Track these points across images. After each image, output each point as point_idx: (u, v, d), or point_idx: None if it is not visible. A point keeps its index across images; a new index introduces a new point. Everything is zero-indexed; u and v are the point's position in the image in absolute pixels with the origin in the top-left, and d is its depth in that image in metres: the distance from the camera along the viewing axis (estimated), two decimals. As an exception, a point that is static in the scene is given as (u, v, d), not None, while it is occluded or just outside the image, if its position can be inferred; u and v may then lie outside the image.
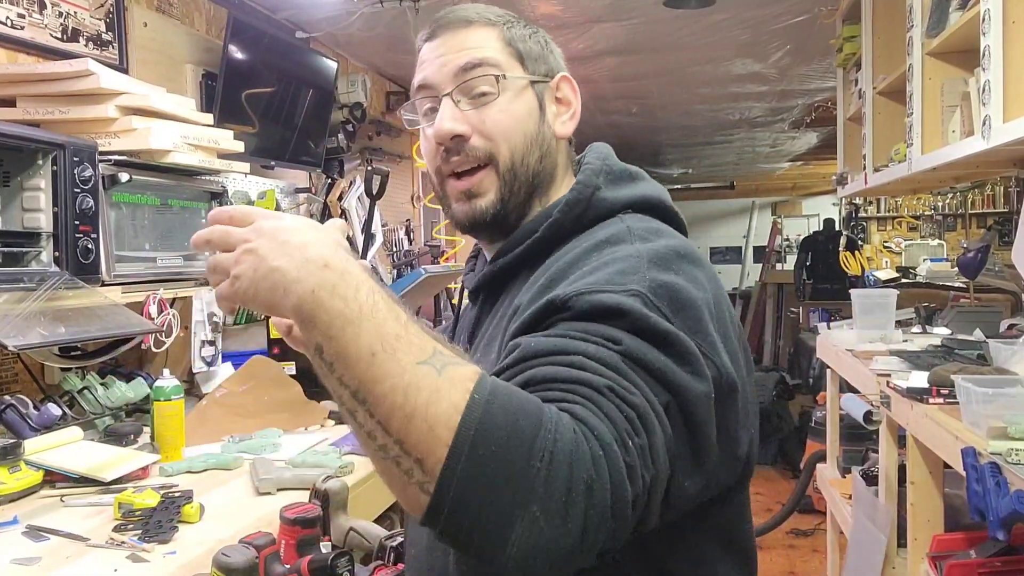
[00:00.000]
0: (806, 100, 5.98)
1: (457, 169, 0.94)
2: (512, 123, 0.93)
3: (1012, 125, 1.69)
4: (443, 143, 0.93)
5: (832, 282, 7.07)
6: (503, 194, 0.93)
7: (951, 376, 1.68)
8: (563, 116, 0.99)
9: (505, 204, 0.93)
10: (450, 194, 0.96)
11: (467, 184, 0.94)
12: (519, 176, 0.93)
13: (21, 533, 1.43)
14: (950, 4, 2.16)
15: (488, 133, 0.92)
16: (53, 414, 1.88)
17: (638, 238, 0.84)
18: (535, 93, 0.96)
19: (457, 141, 0.92)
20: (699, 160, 9.75)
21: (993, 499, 1.27)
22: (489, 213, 0.94)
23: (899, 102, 2.75)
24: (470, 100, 0.93)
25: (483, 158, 0.93)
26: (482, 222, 0.95)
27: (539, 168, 0.95)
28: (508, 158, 0.93)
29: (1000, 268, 3.66)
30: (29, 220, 1.81)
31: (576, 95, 1.01)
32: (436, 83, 0.95)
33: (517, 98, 0.94)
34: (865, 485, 2.30)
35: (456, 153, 0.93)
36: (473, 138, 0.92)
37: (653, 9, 3.54)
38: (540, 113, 0.96)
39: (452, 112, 0.92)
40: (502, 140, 0.93)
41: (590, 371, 0.67)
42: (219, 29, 2.99)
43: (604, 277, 0.77)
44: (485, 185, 0.93)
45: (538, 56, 0.98)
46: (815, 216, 11.37)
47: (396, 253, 4.58)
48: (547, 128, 0.96)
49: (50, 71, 1.98)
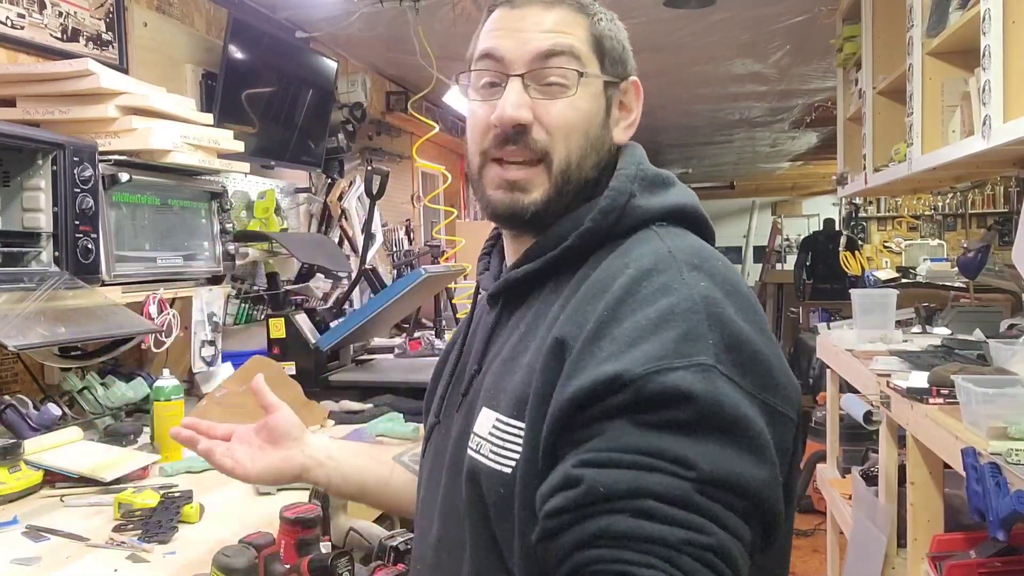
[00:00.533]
0: (806, 100, 5.98)
1: (508, 159, 0.86)
2: (578, 122, 0.86)
3: (1012, 125, 1.69)
4: (504, 129, 0.85)
5: (832, 282, 7.07)
6: (550, 195, 0.86)
7: (951, 376, 1.68)
8: (623, 123, 0.93)
9: (549, 205, 0.86)
10: (490, 179, 0.88)
11: (515, 176, 0.86)
12: (572, 179, 0.86)
13: (21, 533, 1.43)
14: (950, 4, 2.16)
15: (551, 127, 0.85)
16: (53, 414, 1.88)
17: (685, 265, 0.77)
18: (606, 95, 0.90)
19: (518, 129, 0.85)
20: (699, 160, 9.75)
21: (993, 499, 1.27)
22: (530, 211, 0.86)
23: (899, 102, 2.75)
24: (541, 88, 0.85)
25: (539, 152, 0.85)
26: (521, 218, 0.87)
27: (593, 175, 0.87)
28: (565, 158, 0.85)
29: (1000, 268, 3.66)
30: (29, 220, 1.81)
31: (639, 102, 0.95)
32: (509, 59, 0.86)
33: (589, 97, 0.87)
34: (865, 485, 2.30)
35: (512, 142, 0.85)
36: (534, 129, 0.85)
37: (653, 9, 3.54)
38: (606, 116, 0.89)
39: (520, 97, 0.84)
40: (562, 138, 0.85)
41: (663, 521, 0.64)
42: (219, 29, 2.99)
43: (668, 346, 0.69)
44: (535, 183, 0.86)
45: (618, 57, 0.92)
46: (815, 216, 11.38)
47: (396, 253, 4.58)
48: (608, 133, 0.90)
49: (50, 71, 1.98)
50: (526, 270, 0.88)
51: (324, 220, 3.77)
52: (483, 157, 0.88)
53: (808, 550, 4.25)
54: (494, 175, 0.87)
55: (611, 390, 0.69)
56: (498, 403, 0.81)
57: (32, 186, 1.81)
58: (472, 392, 0.88)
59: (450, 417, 0.91)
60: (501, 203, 0.87)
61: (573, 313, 0.77)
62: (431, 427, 0.97)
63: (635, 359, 0.69)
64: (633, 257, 0.79)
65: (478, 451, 0.80)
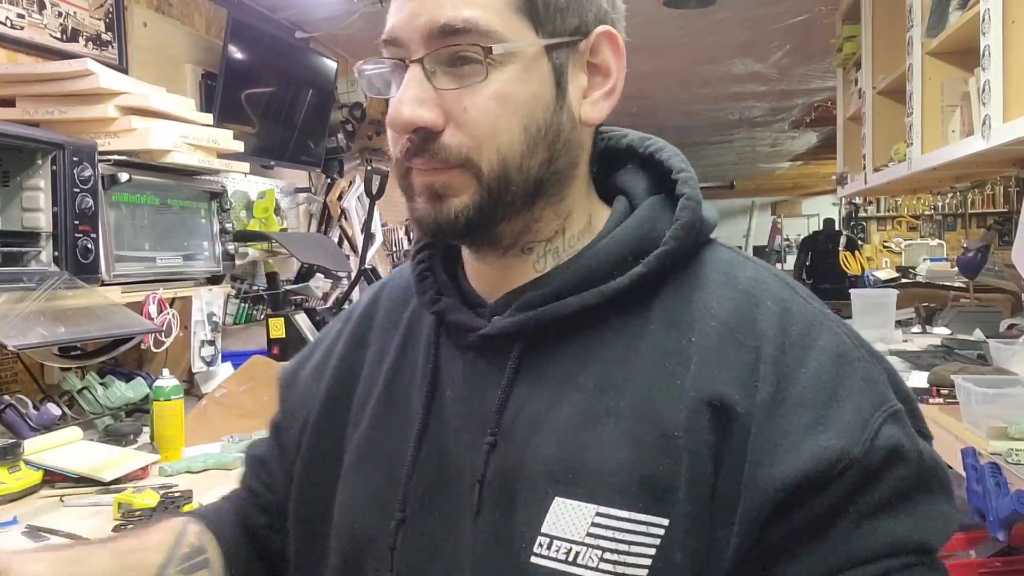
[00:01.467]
0: (806, 100, 5.98)
1: (421, 167, 0.64)
2: (508, 114, 0.62)
3: (1012, 125, 1.69)
4: (402, 134, 0.63)
5: (832, 282, 7.07)
6: (483, 199, 0.64)
7: (951, 376, 1.69)
8: (596, 92, 0.67)
9: (485, 213, 0.64)
10: (413, 187, 0.66)
11: (432, 178, 0.64)
12: (512, 186, 0.64)
13: (21, 533, 1.43)
14: (950, 4, 2.16)
15: (469, 126, 0.62)
16: (52, 414, 1.88)
17: (794, 287, 0.66)
18: (551, 64, 0.64)
19: (421, 135, 0.63)
20: (699, 160, 9.74)
21: (993, 499, 1.27)
22: (462, 220, 0.64)
23: (899, 102, 2.75)
24: (450, 71, 0.62)
25: (456, 161, 0.63)
26: (452, 229, 0.65)
27: (544, 174, 0.65)
28: (495, 166, 0.63)
29: (1000, 268, 3.66)
30: (29, 220, 1.81)
31: (620, 60, 0.67)
32: (403, 39, 0.64)
33: (521, 75, 0.63)
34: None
35: (419, 152, 0.63)
36: (446, 133, 0.62)
37: (653, 9, 3.54)
38: (556, 94, 0.64)
39: (419, 91, 0.62)
40: (487, 140, 0.62)
41: None
42: (219, 29, 2.99)
43: (865, 400, 0.59)
44: (458, 187, 0.64)
45: (565, 6, 0.64)
46: (815, 216, 11.39)
47: (396, 253, 4.58)
48: (566, 115, 0.65)
49: (50, 71, 1.97)
50: (580, 304, 0.64)
51: (324, 220, 3.77)
52: (400, 168, 0.66)
53: (808, 550, 4.24)
54: (414, 182, 0.66)
55: (838, 471, 0.56)
56: (588, 491, 0.59)
57: (32, 186, 1.81)
58: (498, 475, 0.64)
59: (442, 511, 0.66)
60: (426, 214, 0.65)
61: (717, 367, 0.60)
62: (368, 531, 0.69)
63: (848, 426, 0.57)
64: (748, 286, 0.65)
65: (568, 559, 0.59)
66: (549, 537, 0.59)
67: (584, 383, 0.63)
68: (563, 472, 0.60)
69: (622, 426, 0.60)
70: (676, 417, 0.59)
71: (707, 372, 0.60)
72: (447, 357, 0.70)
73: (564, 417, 0.62)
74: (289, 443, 0.79)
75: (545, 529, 0.60)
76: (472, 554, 0.63)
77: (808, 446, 0.57)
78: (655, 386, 0.61)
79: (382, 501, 0.69)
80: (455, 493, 0.66)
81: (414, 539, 0.67)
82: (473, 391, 0.67)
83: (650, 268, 0.64)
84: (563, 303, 0.65)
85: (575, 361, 0.64)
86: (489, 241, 0.67)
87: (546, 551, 0.59)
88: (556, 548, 0.59)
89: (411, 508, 0.67)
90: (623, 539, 0.58)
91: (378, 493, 0.69)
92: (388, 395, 0.73)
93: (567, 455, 0.61)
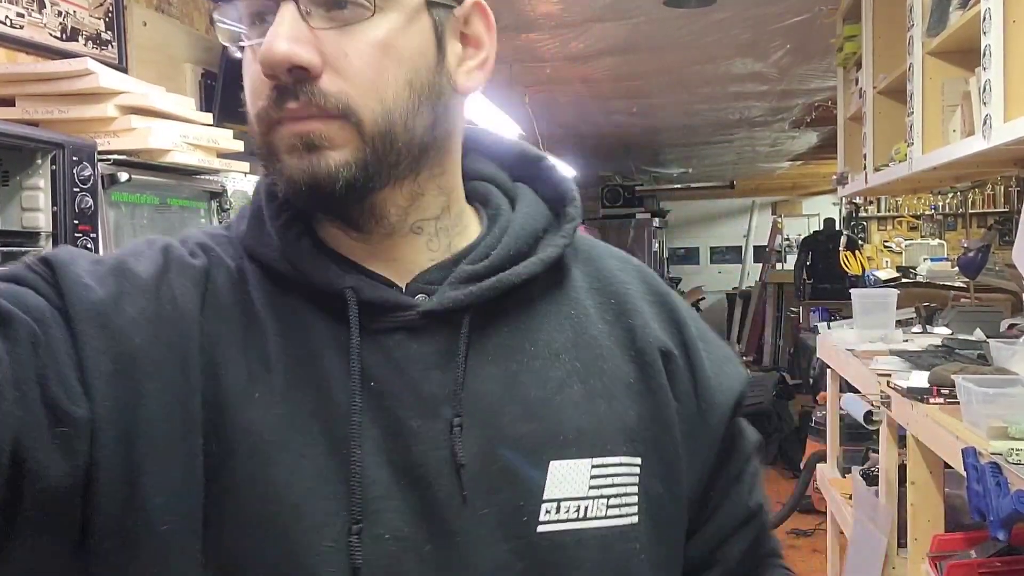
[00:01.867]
0: (806, 100, 5.98)
1: (294, 115, 0.58)
2: (391, 65, 0.58)
3: (1013, 125, 1.69)
4: (274, 74, 0.57)
5: (832, 282, 7.06)
6: (365, 158, 0.58)
7: (951, 376, 1.68)
8: (471, 62, 0.65)
9: (368, 174, 0.59)
10: (278, 143, 0.59)
11: (307, 129, 0.57)
12: (398, 143, 0.59)
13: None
14: (950, 3, 2.16)
15: (350, 73, 0.57)
16: (52, 414, 1.88)
17: None
18: (433, 21, 0.61)
19: (297, 75, 0.56)
20: (699, 160, 9.75)
21: (993, 499, 1.27)
22: (340, 177, 0.58)
23: (899, 102, 2.75)
24: (327, 12, 0.57)
25: (335, 110, 0.57)
26: (328, 190, 0.58)
27: (428, 138, 0.61)
28: (379, 118, 0.58)
29: (1000, 268, 3.66)
30: (28, 220, 1.81)
31: (491, 33, 0.66)
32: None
33: (405, 25, 0.59)
34: (865, 485, 2.30)
35: (292, 96, 0.57)
36: (324, 78, 0.57)
37: (653, 9, 3.54)
38: (437, 54, 0.61)
39: (294, 28, 0.56)
40: (370, 89, 0.58)
41: (772, 537, 0.78)
42: (219, 28, 2.99)
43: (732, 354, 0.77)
44: (336, 138, 0.58)
45: None
46: (815, 216, 11.37)
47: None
48: (445, 79, 0.62)
49: (49, 70, 1.97)
50: (528, 273, 0.64)
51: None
52: (263, 123, 0.59)
53: (808, 550, 4.25)
54: (281, 135, 0.59)
55: (743, 398, 0.73)
56: (580, 448, 0.62)
57: (31, 185, 1.81)
58: (478, 456, 0.60)
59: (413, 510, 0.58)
60: (296, 169, 0.58)
61: (651, 320, 0.70)
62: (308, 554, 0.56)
63: (737, 370, 0.74)
64: (630, 259, 0.77)
65: (579, 516, 0.60)
66: (555, 501, 0.60)
67: (535, 351, 0.64)
68: (550, 437, 0.61)
69: (589, 385, 0.64)
70: (628, 368, 0.67)
71: (646, 325, 0.69)
72: (386, 341, 0.61)
73: (529, 386, 0.63)
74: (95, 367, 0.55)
75: (548, 495, 0.60)
76: (467, 546, 0.58)
77: (732, 380, 0.72)
78: (599, 344, 0.67)
79: (320, 515, 0.57)
80: (423, 485, 0.59)
81: (384, 549, 0.57)
82: (411, 373, 0.60)
83: (568, 239, 0.68)
84: (512, 272, 0.64)
85: (516, 332, 0.65)
86: (373, 214, 0.62)
87: (555, 515, 0.60)
88: (565, 509, 0.60)
89: (367, 518, 0.57)
90: (617, 483, 0.62)
91: (312, 508, 0.57)
92: (287, 391, 0.59)
93: (548, 421, 0.62)
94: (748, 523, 0.74)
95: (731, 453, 0.73)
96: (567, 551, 0.60)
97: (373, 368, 0.60)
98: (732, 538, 0.73)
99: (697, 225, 12.19)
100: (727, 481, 0.73)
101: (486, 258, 0.65)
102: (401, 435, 0.59)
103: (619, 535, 0.62)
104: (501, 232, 0.67)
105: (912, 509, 1.87)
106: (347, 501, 0.57)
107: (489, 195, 0.71)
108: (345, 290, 0.61)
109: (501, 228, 0.67)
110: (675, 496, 0.67)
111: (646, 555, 0.63)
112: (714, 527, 0.72)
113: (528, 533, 0.59)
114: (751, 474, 0.75)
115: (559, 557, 0.59)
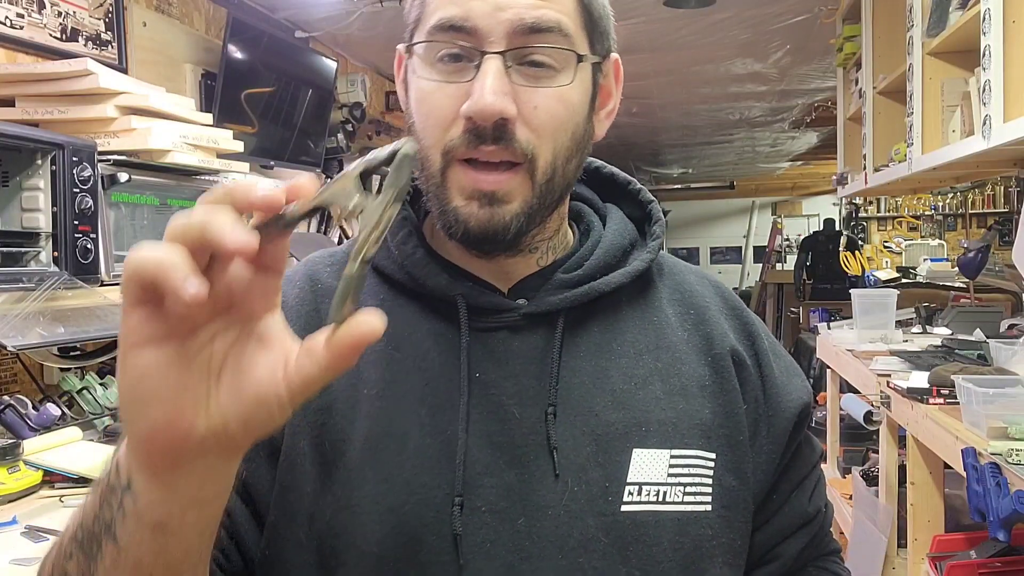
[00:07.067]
0: (806, 100, 5.98)
1: (482, 159, 0.65)
2: (566, 117, 0.67)
3: (1012, 125, 1.69)
4: (482, 123, 0.63)
5: (832, 282, 7.06)
6: (532, 206, 0.67)
7: (951, 376, 1.68)
8: (603, 112, 0.74)
9: (532, 219, 0.67)
10: (458, 186, 0.66)
11: (494, 184, 0.65)
12: (555, 187, 0.68)
13: (20, 533, 1.43)
14: (950, 4, 2.16)
15: (535, 124, 0.65)
16: (52, 414, 1.88)
17: None
18: (592, 78, 0.70)
19: (499, 124, 0.63)
20: (699, 160, 9.74)
21: (993, 499, 1.27)
22: (512, 228, 0.66)
23: (899, 102, 2.75)
24: (523, 70, 0.65)
25: (521, 157, 0.65)
26: (500, 238, 0.66)
27: (572, 180, 0.71)
28: (550, 163, 0.66)
29: (1000, 268, 3.66)
30: (28, 220, 1.81)
31: (619, 86, 0.75)
32: (483, 30, 0.64)
33: (577, 83, 0.67)
34: (865, 485, 2.30)
35: (491, 140, 0.64)
36: (519, 127, 0.64)
37: (653, 9, 3.53)
38: (590, 107, 0.70)
39: (500, 82, 0.63)
40: (549, 137, 0.66)
41: (832, 539, 0.85)
42: (218, 29, 2.99)
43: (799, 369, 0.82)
44: (516, 192, 0.66)
45: (605, 30, 0.71)
46: (815, 216, 11.36)
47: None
48: (591, 128, 0.71)
49: (49, 71, 1.97)
50: (618, 282, 0.73)
51: (323, 220, 3.77)
52: (446, 158, 0.66)
53: (808, 550, 4.24)
54: (463, 179, 0.66)
55: (803, 419, 0.78)
56: (660, 439, 0.69)
57: (31, 186, 1.81)
58: (569, 440, 0.68)
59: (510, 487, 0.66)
60: (476, 220, 0.65)
61: (727, 330, 0.78)
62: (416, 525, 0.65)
63: (803, 383, 0.79)
64: (706, 275, 0.84)
65: (658, 500, 0.67)
66: (637, 484, 0.67)
67: (621, 350, 0.72)
68: (634, 428, 0.69)
69: (669, 383, 0.71)
70: (703, 371, 0.73)
71: (724, 335, 0.76)
72: (486, 335, 0.70)
73: (616, 380, 0.70)
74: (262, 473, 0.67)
75: (631, 479, 0.67)
76: (557, 520, 0.65)
77: (800, 389, 0.78)
78: (679, 347, 0.74)
79: (426, 490, 0.65)
80: (520, 465, 0.67)
81: (482, 520, 0.65)
82: (512, 367, 0.69)
83: (654, 255, 0.76)
84: (603, 281, 0.72)
85: (605, 333, 0.73)
86: (512, 247, 0.70)
87: (636, 497, 0.67)
88: (646, 492, 0.67)
89: (468, 492, 0.65)
90: (693, 473, 0.69)
91: (420, 483, 0.65)
92: (392, 385, 0.68)
93: (632, 413, 0.69)
94: (806, 525, 0.79)
95: (795, 459, 0.78)
96: (647, 530, 0.66)
97: (479, 362, 0.69)
98: (790, 538, 0.78)
99: (697, 225, 12.19)
100: (790, 485, 0.78)
101: (579, 267, 0.73)
102: (502, 420, 0.67)
103: (693, 520, 0.68)
104: (593, 246, 0.76)
105: (912, 509, 1.87)
106: (451, 477, 0.65)
107: (582, 213, 0.80)
108: (456, 296, 0.70)
109: (593, 242, 0.76)
110: (745, 491, 0.73)
111: (717, 541, 0.69)
112: (774, 527, 0.77)
113: (613, 511, 0.66)
114: (813, 480, 0.80)
115: (640, 535, 0.66)
